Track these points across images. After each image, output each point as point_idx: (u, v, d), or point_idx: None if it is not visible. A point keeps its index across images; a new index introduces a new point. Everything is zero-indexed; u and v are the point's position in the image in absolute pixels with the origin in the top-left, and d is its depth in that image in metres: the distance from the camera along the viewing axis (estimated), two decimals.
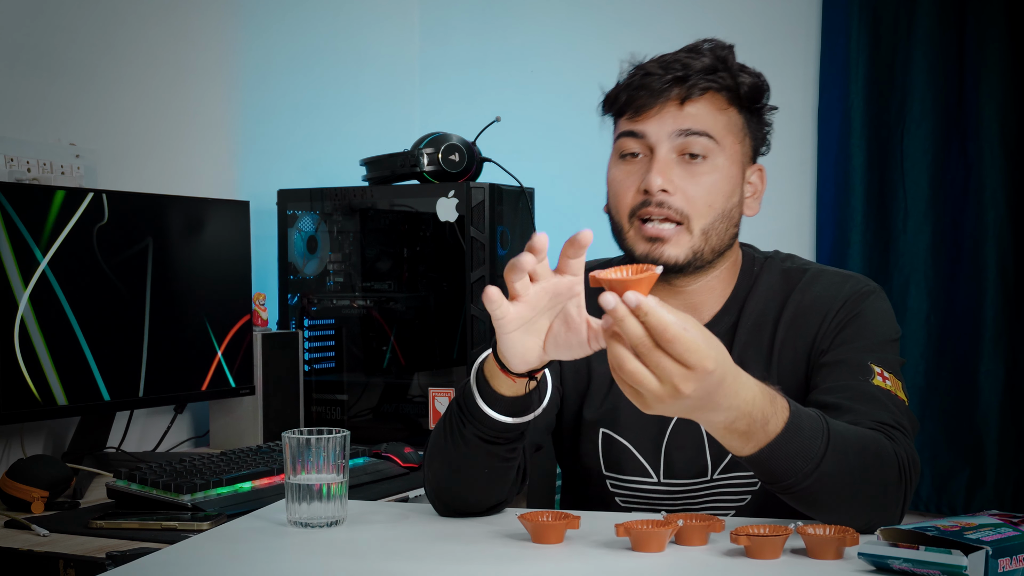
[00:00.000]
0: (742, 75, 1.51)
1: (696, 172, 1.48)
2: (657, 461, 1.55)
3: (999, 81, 2.70)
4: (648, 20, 3.08)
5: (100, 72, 2.43)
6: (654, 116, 1.49)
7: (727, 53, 1.52)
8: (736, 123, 1.52)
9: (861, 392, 1.41)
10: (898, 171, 2.80)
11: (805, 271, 1.57)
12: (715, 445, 1.51)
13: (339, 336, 2.67)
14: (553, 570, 1.20)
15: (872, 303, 1.52)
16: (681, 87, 1.48)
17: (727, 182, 1.50)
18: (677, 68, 1.48)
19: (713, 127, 1.49)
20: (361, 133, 3.10)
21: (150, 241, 2.25)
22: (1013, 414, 2.71)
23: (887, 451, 1.32)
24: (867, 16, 2.81)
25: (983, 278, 2.72)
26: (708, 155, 1.49)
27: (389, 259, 2.63)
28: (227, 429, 2.52)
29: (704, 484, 1.54)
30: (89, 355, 2.11)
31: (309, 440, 1.36)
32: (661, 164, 1.48)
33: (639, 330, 1.08)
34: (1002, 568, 1.09)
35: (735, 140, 1.52)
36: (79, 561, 1.58)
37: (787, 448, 1.23)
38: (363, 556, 1.26)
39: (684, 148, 1.49)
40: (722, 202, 1.50)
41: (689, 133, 1.48)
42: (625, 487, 1.57)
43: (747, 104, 1.53)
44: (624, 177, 1.52)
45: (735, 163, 1.52)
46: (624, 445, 1.56)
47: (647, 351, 1.09)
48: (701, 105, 1.49)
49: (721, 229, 1.50)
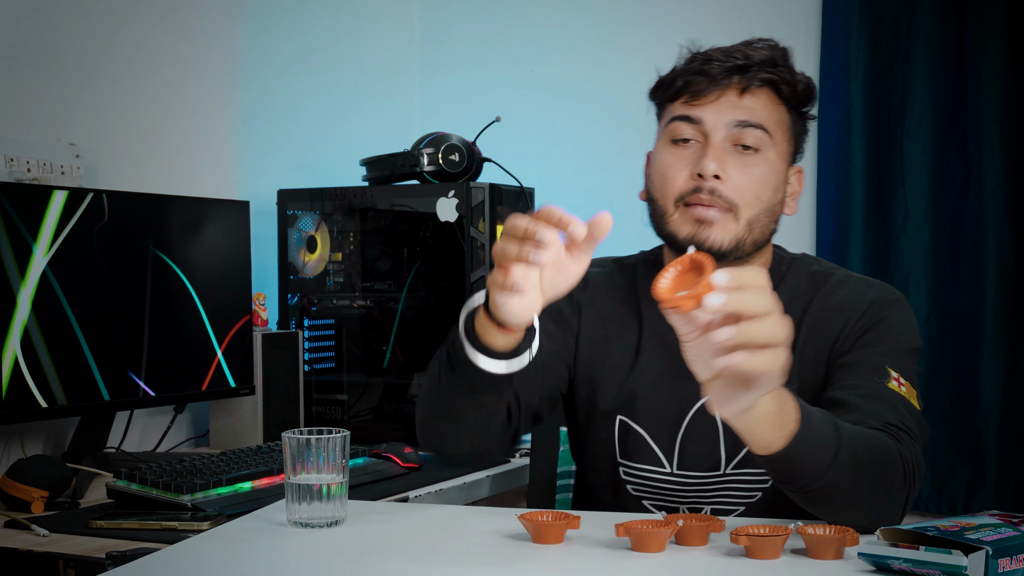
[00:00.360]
0: (798, 75, 1.53)
1: (748, 163, 1.49)
2: (671, 451, 1.55)
3: (999, 81, 2.70)
4: (648, 20, 3.08)
5: (100, 72, 2.43)
6: (712, 103, 1.49)
7: (784, 53, 1.53)
8: (786, 121, 1.53)
9: (873, 392, 1.41)
10: (898, 171, 2.80)
11: (832, 275, 1.57)
12: (730, 440, 1.52)
13: (339, 336, 2.67)
14: (553, 570, 1.20)
15: (896, 311, 1.52)
16: (742, 76, 1.49)
17: (775, 176, 1.51)
18: (739, 57, 1.49)
19: (768, 121, 1.50)
20: (361, 133, 3.10)
21: (150, 241, 2.25)
22: (1013, 414, 2.71)
23: (892, 451, 1.32)
24: (867, 16, 2.81)
25: (983, 278, 2.72)
26: (761, 148, 1.49)
27: (389, 259, 2.62)
28: (227, 429, 2.52)
29: (716, 478, 1.54)
30: (89, 355, 2.11)
31: (309, 440, 1.36)
32: (716, 150, 1.48)
33: (756, 300, 1.08)
34: (1002, 568, 1.09)
35: (784, 137, 1.53)
36: (79, 561, 1.58)
37: (808, 440, 1.23)
38: (363, 556, 1.26)
39: (738, 139, 1.49)
40: (769, 195, 1.51)
41: (746, 124, 1.49)
42: (637, 475, 1.57)
43: (796, 105, 1.54)
44: (675, 162, 1.51)
45: (783, 159, 1.53)
46: (640, 434, 1.57)
47: (767, 318, 1.08)
48: (758, 97, 1.50)
49: (764, 222, 1.51)
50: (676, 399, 1.55)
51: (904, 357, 1.48)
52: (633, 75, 3.15)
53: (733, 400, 1.14)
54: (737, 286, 1.07)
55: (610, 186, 3.06)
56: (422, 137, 2.64)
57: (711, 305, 1.07)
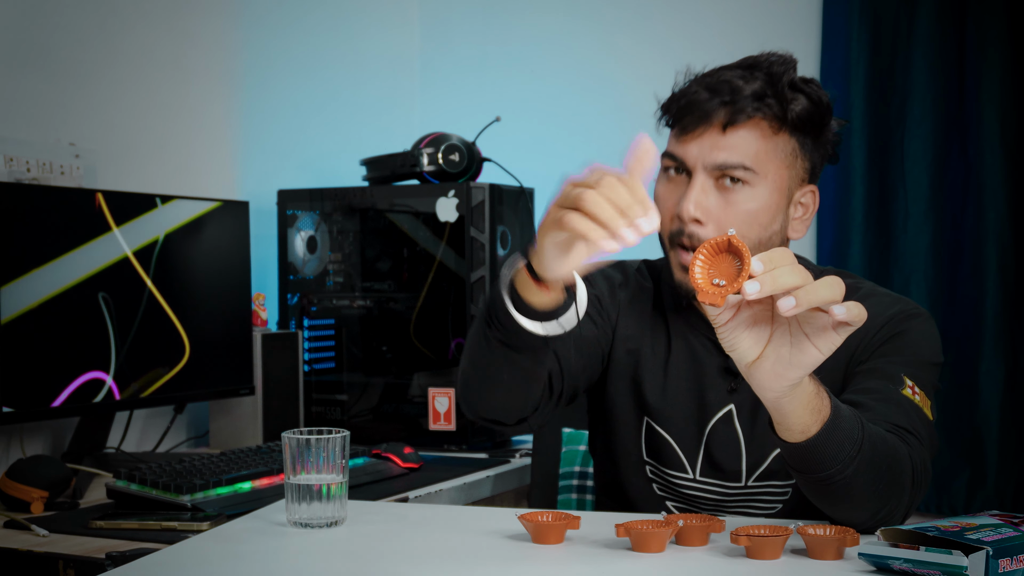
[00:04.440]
0: (798, 98, 1.47)
1: (733, 200, 1.47)
2: (695, 458, 1.56)
3: (999, 81, 2.70)
4: (648, 20, 3.08)
5: (100, 72, 2.43)
6: (695, 140, 1.48)
7: (784, 71, 1.47)
8: (784, 149, 1.49)
9: (886, 395, 1.40)
10: (898, 171, 2.80)
11: (858, 289, 1.56)
12: (752, 452, 1.52)
13: (339, 336, 2.67)
14: (553, 570, 1.20)
15: (918, 324, 1.51)
16: (727, 110, 1.46)
17: (765, 212, 1.49)
18: (725, 92, 1.46)
19: (754, 156, 1.47)
20: (361, 133, 3.10)
21: (150, 241, 2.25)
22: (1013, 414, 2.71)
23: (902, 453, 1.32)
24: (867, 17, 2.81)
25: (983, 278, 2.71)
26: (748, 181, 1.47)
27: (389, 259, 2.62)
28: (227, 429, 2.52)
29: (738, 490, 1.55)
30: (89, 355, 2.11)
31: (309, 440, 1.36)
32: (696, 191, 1.47)
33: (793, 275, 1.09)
34: (1002, 568, 1.09)
35: (781, 166, 1.49)
36: (79, 561, 1.58)
37: (838, 428, 1.22)
38: (363, 556, 1.26)
39: (721, 176, 1.48)
40: (758, 232, 1.49)
41: (726, 167, 1.47)
42: (663, 477, 1.58)
43: (801, 127, 1.49)
44: (666, 195, 1.52)
45: (777, 190, 1.49)
46: (666, 438, 1.57)
47: (810, 284, 1.09)
48: (743, 133, 1.47)
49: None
50: (700, 407, 1.56)
51: (921, 368, 1.47)
52: (633, 75, 3.17)
53: (783, 376, 1.14)
54: (770, 268, 1.08)
55: None
56: (422, 137, 2.64)
57: (751, 292, 1.07)
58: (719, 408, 1.55)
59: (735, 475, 1.54)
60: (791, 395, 1.17)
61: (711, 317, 1.15)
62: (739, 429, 1.53)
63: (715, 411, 1.55)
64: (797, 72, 1.50)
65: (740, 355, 1.15)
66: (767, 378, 1.15)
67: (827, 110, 1.51)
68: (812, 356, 1.13)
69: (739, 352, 1.15)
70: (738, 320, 1.14)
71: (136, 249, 2.21)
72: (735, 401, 1.54)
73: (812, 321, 1.12)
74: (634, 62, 3.07)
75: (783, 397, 1.17)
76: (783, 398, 1.18)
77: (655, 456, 1.58)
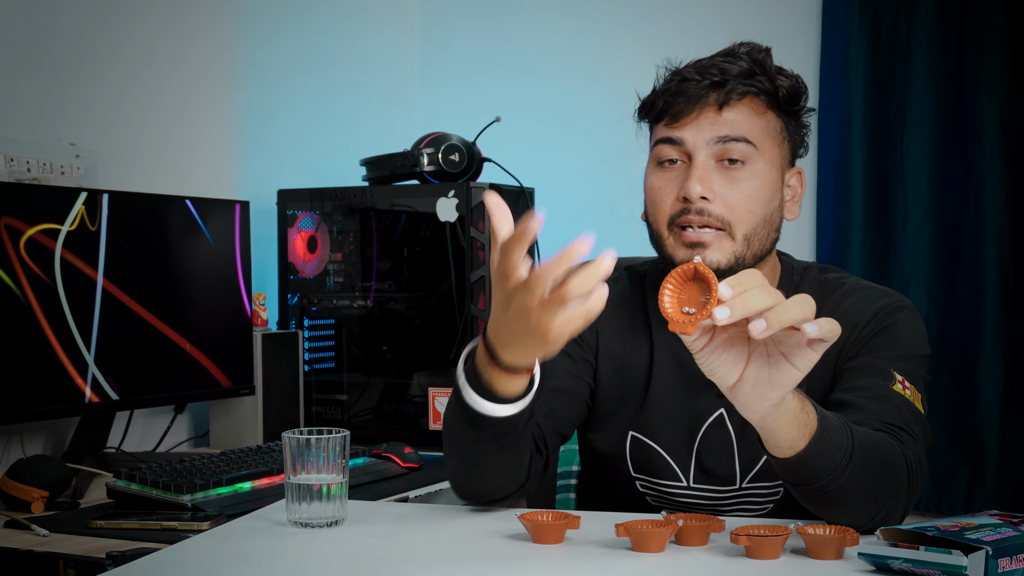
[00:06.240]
0: (780, 78, 1.51)
1: (736, 178, 1.48)
2: (687, 466, 1.56)
3: (999, 81, 2.70)
4: (648, 20, 3.08)
5: (100, 72, 2.43)
6: (692, 122, 1.48)
7: (764, 56, 1.51)
8: (775, 127, 1.51)
9: (877, 393, 1.40)
10: (898, 171, 2.80)
11: (842, 284, 1.56)
12: (745, 454, 1.52)
13: (339, 336, 2.67)
14: (553, 570, 1.20)
15: (904, 317, 1.51)
16: (719, 92, 1.47)
17: (767, 186, 1.50)
18: (714, 73, 1.47)
19: (752, 132, 1.48)
20: (361, 133, 3.10)
21: (150, 241, 2.25)
22: (1013, 414, 2.71)
23: (896, 453, 1.32)
24: (867, 16, 2.81)
25: (983, 278, 2.72)
26: (747, 160, 1.48)
27: (389, 259, 2.63)
28: (227, 429, 2.52)
29: (733, 492, 1.54)
30: (89, 355, 2.11)
31: (309, 440, 1.36)
32: (700, 171, 1.47)
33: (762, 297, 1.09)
34: (1002, 568, 1.09)
35: (774, 144, 1.51)
36: (79, 561, 1.58)
37: (827, 439, 1.23)
38: (363, 556, 1.26)
39: (723, 154, 1.48)
40: (763, 207, 1.49)
41: (727, 139, 1.47)
42: (655, 489, 1.58)
43: (785, 107, 1.52)
44: (663, 184, 1.51)
45: (774, 167, 1.51)
46: (655, 449, 1.56)
47: (780, 305, 1.09)
48: (739, 110, 1.48)
49: (763, 234, 1.50)
50: (690, 413, 1.55)
51: (910, 362, 1.47)
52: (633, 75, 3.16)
53: (765, 396, 1.14)
54: (739, 292, 1.08)
55: (610, 186, 3.07)
56: (422, 137, 2.64)
57: (720, 318, 1.07)
58: (710, 413, 1.54)
59: (729, 479, 1.54)
60: (776, 413, 1.18)
61: (687, 344, 1.14)
62: (731, 432, 1.53)
63: (706, 416, 1.54)
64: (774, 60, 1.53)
65: (720, 379, 1.15)
66: (750, 399, 1.15)
67: (805, 90, 1.54)
68: (791, 375, 1.13)
69: (719, 376, 1.15)
70: (714, 344, 1.14)
71: (136, 249, 2.21)
72: (725, 404, 1.53)
73: (787, 340, 1.12)
74: (634, 62, 3.06)
75: (768, 416, 1.18)
76: (768, 417, 1.18)
77: (644, 470, 1.57)
